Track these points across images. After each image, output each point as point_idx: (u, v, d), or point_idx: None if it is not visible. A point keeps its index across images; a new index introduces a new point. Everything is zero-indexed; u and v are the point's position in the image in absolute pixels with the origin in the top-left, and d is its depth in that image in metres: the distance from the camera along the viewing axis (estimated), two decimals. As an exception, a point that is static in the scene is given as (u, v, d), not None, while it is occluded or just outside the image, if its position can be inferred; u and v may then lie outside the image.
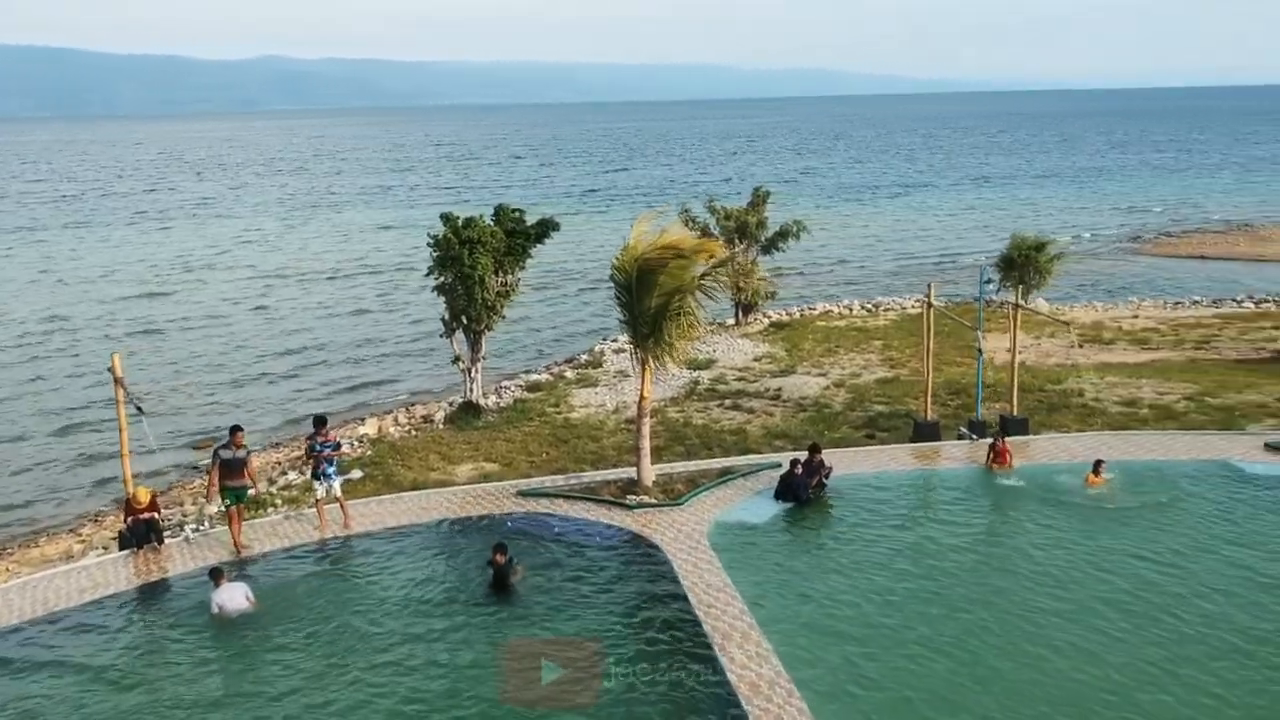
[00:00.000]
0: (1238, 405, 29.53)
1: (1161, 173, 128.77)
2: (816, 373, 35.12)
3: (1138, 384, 32.18)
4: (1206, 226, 78.63)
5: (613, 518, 21.44)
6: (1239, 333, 39.99)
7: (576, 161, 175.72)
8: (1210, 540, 19.69)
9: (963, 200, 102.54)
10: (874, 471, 23.86)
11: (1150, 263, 63.76)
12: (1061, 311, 45.28)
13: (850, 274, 63.00)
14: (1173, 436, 25.92)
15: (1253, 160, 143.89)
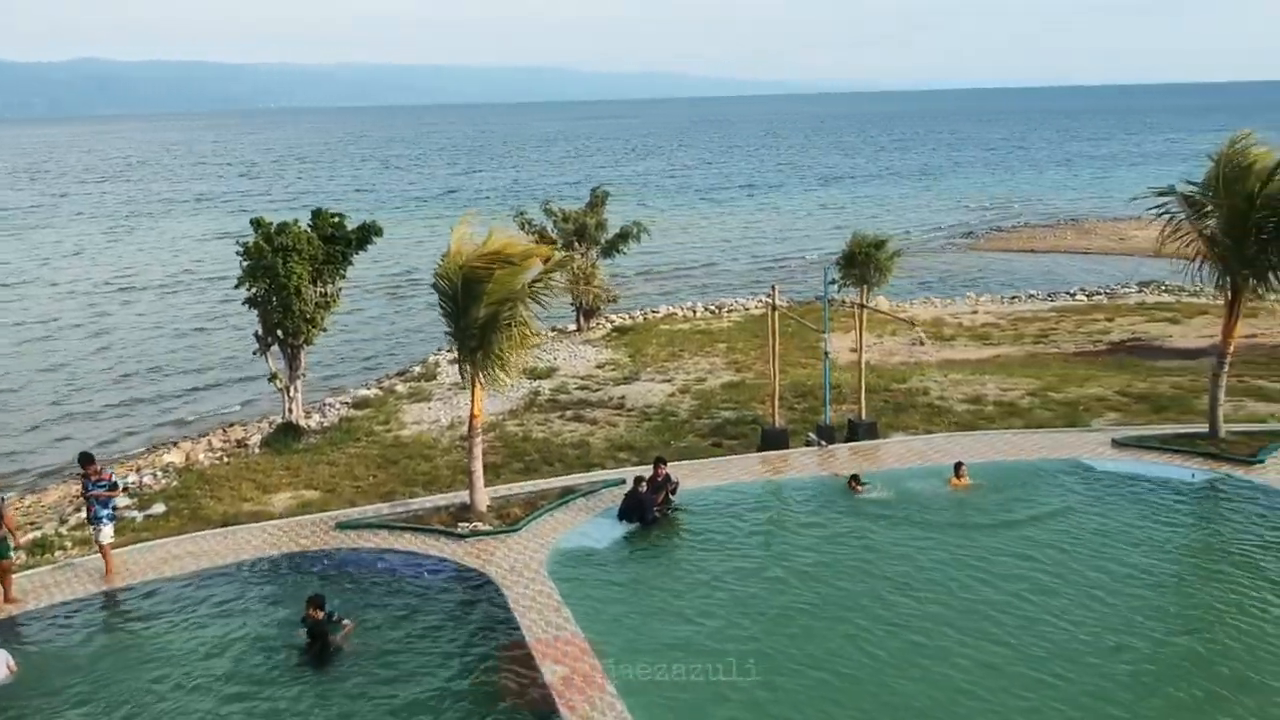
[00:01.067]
0: (1080, 399, 29.45)
1: (995, 170, 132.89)
2: (661, 379, 33.88)
3: (981, 381, 31.91)
4: (1035, 221, 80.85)
5: (443, 549, 19.61)
6: (1075, 326, 40.47)
7: (420, 165, 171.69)
8: (1076, 539, 19.16)
9: (810, 199, 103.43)
10: (723, 484, 22.61)
11: (985, 258, 64.93)
12: (902, 309, 45.30)
13: (695, 275, 62.30)
14: (1023, 435, 25.48)
15: (1079, 156, 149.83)
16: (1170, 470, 22.50)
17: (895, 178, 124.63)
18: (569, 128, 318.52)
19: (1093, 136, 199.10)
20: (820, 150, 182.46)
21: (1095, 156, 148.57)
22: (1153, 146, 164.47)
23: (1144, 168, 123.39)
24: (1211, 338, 37.14)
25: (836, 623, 16.37)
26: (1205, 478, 22.05)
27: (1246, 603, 16.72)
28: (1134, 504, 20.81)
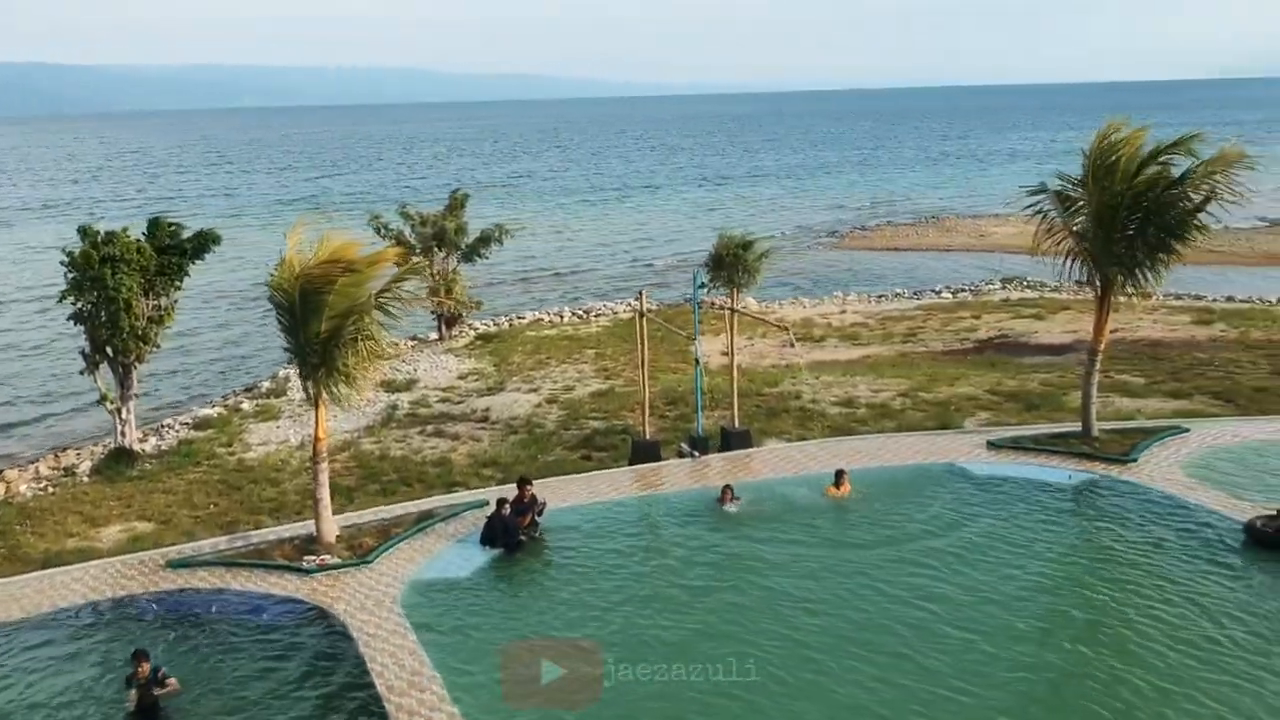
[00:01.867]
0: (952, 399, 29.13)
1: (861, 169, 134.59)
2: (527, 388, 32.47)
3: (853, 382, 31.39)
4: (898, 220, 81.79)
5: (287, 586, 17.91)
6: (943, 324, 40.44)
7: (279, 168, 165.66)
8: (961, 547, 18.58)
9: (684, 200, 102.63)
10: (593, 501, 21.36)
11: (851, 257, 65.15)
12: (771, 310, 44.79)
13: (565, 278, 60.86)
14: (897, 439, 24.88)
15: (944, 155, 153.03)
16: (1047, 472, 22.11)
17: (767, 178, 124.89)
18: (435, 129, 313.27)
19: (959, 136, 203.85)
20: (695, 151, 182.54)
21: (960, 156, 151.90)
22: (1017, 145, 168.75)
23: (1007, 166, 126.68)
24: (1075, 333, 37.50)
25: (724, 642, 15.37)
26: (1082, 479, 21.70)
27: (1140, 605, 16.35)
28: (1014, 508, 20.29)
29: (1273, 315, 39.81)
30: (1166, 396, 29.34)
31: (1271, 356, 33.50)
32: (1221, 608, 16.09)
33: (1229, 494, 20.33)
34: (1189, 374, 31.59)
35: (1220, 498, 20.14)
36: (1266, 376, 31.23)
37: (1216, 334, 36.81)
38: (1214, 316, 39.46)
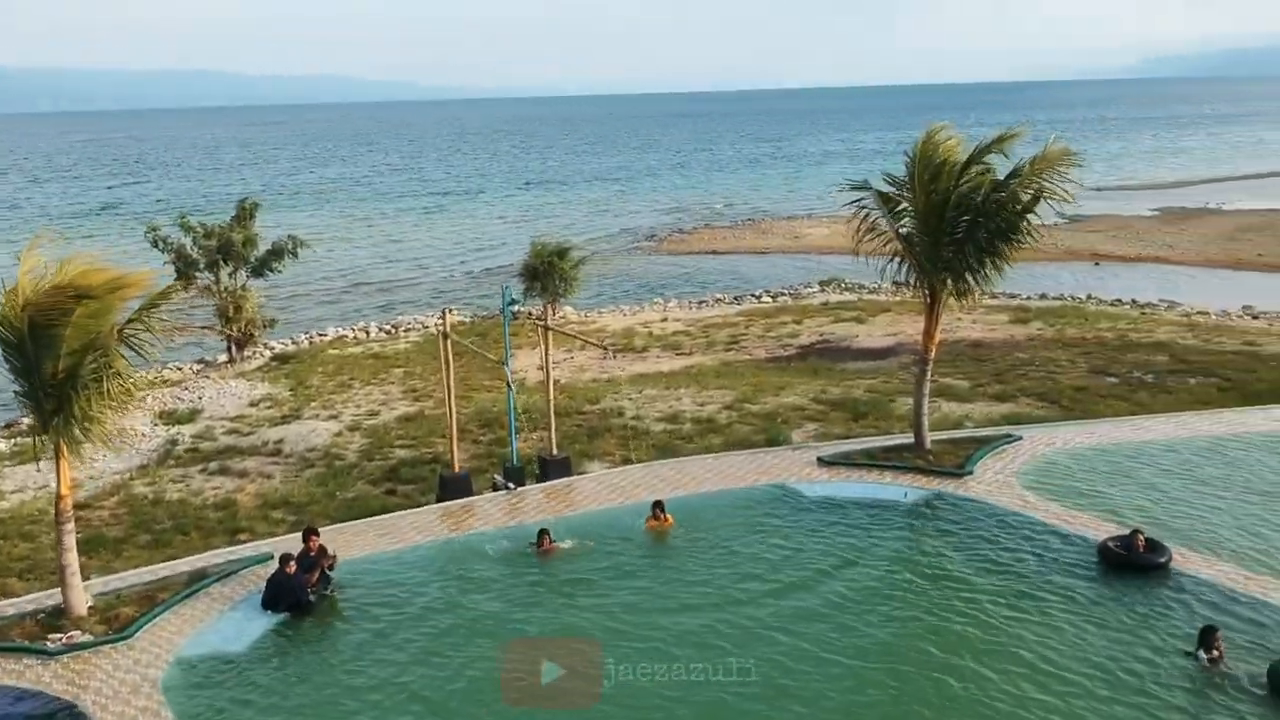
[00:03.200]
0: (778, 410, 27.95)
1: (682, 171, 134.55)
2: (327, 415, 29.74)
3: (677, 395, 29.90)
4: (716, 222, 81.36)
5: (25, 674, 15.02)
6: (765, 330, 39.47)
7: (74, 177, 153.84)
8: (797, 584, 17.08)
9: (506, 205, 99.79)
10: (394, 549, 19.03)
11: (671, 261, 64.08)
12: (591, 320, 43.06)
13: (376, 291, 57.52)
14: (724, 459, 23.36)
15: (760, 157, 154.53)
16: (881, 490, 20.95)
17: (591, 181, 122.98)
18: (239, 133, 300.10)
19: (775, 138, 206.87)
20: (516, 154, 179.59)
21: (776, 157, 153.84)
22: (829, 147, 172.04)
23: (821, 167, 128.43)
24: (896, 335, 37.04)
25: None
26: (918, 496, 20.61)
27: (995, 635, 15.26)
28: (851, 534, 18.98)
29: (1084, 313, 40.38)
30: (992, 400, 28.89)
31: (1088, 354, 33.67)
32: (1078, 648, 14.97)
33: (1068, 507, 19.54)
34: (1012, 375, 31.34)
35: (1061, 512, 19.32)
36: (1085, 375, 31.24)
37: (1034, 333, 36.94)
38: (1030, 315, 39.73)
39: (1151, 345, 34.79)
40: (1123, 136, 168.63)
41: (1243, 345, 34.65)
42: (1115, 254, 59.35)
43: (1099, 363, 32.65)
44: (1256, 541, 17.97)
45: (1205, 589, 16.37)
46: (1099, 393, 29.16)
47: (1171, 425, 24.56)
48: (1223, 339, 35.64)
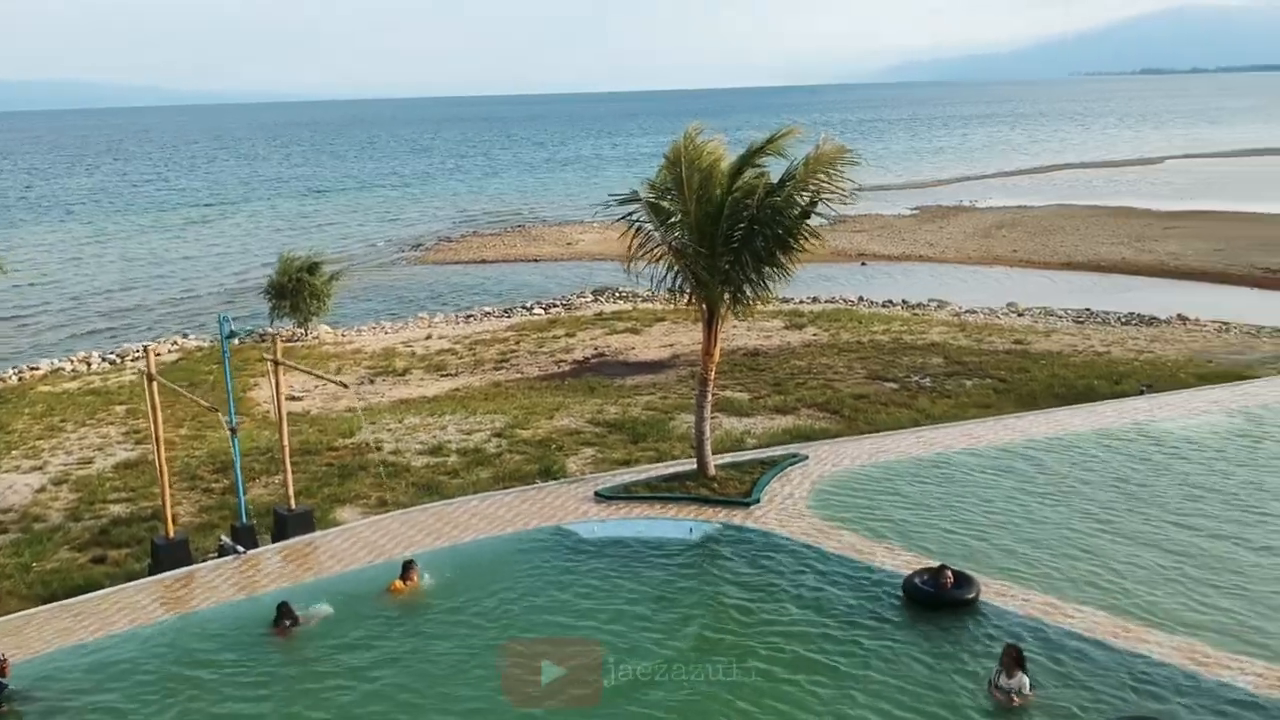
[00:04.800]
0: (552, 435, 25.77)
1: (455, 175, 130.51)
2: (30, 466, 25.57)
3: (441, 423, 27.27)
4: (485, 229, 78.50)
5: None
6: (536, 345, 37.15)
7: None
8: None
9: (271, 214, 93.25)
10: (94, 639, 15.72)
11: (437, 271, 60.92)
12: (349, 340, 39.71)
13: (101, 316, 51.69)
14: (493, 498, 20.91)
15: (531, 162, 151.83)
16: (665, 526, 18.99)
17: (358, 189, 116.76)
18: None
19: (540, 142, 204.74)
20: (278, 161, 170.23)
21: (548, 161, 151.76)
22: (602, 151, 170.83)
23: (595, 171, 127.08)
24: (673, 346, 35.51)
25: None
26: (705, 531, 18.77)
27: (793, 690, 13.59)
28: (636, 582, 16.89)
29: (857, 316, 39.96)
30: (773, 412, 27.60)
31: (864, 359, 33.00)
32: (881, 697, 13.42)
33: (864, 536, 18.11)
34: (791, 384, 30.23)
35: (857, 542, 17.85)
36: (863, 381, 30.47)
37: (810, 339, 36.11)
38: (805, 320, 38.99)
39: (926, 347, 34.48)
40: (882, 137, 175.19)
41: (1013, 344, 34.79)
42: (881, 254, 60.13)
43: (876, 367, 32.00)
44: (1062, 562, 16.94)
45: (1013, 622, 15.12)
46: (879, 400, 28.34)
47: (958, 435, 23.74)
48: (993, 338, 35.75)
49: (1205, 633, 14.67)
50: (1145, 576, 16.37)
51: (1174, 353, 33.45)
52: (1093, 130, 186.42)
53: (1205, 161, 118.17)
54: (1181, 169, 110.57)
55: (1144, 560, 16.91)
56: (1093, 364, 31.90)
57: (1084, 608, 15.45)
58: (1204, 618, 15.08)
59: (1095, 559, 17.01)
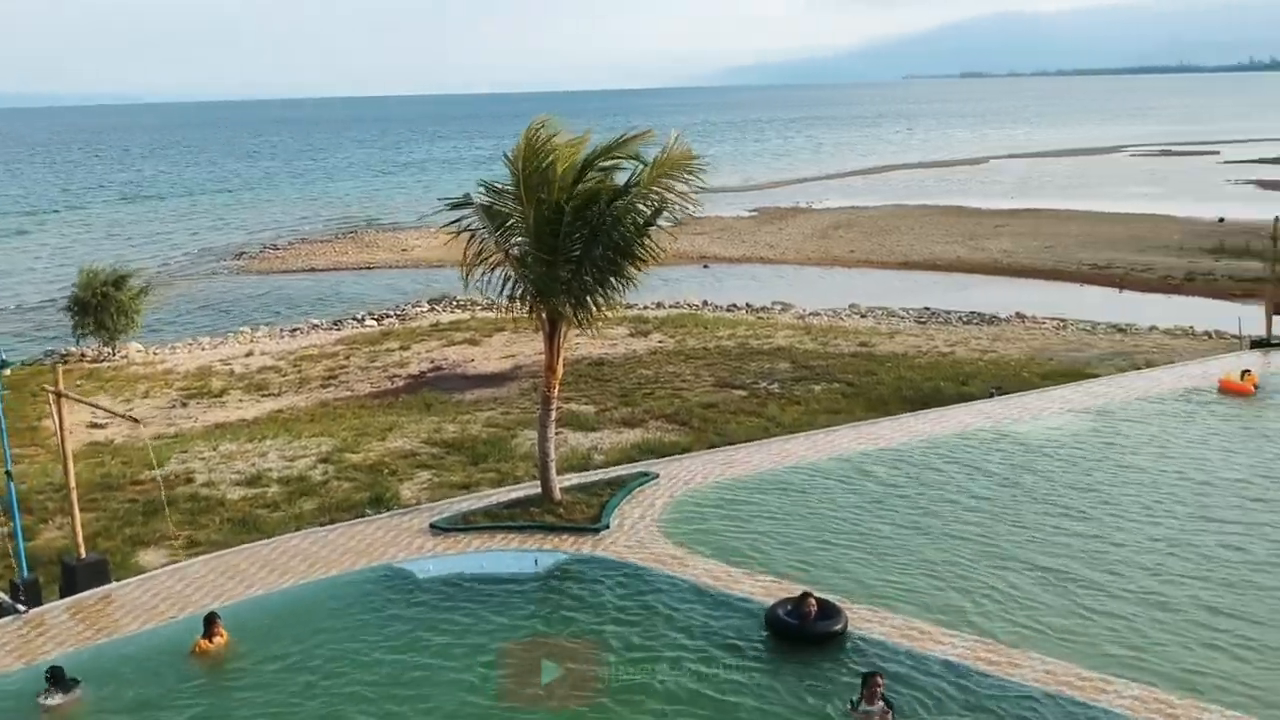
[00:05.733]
0: (385, 459, 23.93)
1: (290, 180, 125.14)
2: None
3: (261, 449, 25.08)
4: (315, 236, 75.11)
5: None
6: (368, 359, 35.02)
7: None
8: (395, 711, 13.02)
9: (85, 224, 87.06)
10: None
11: (263, 282, 57.66)
12: (160, 359, 36.76)
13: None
14: (315, 535, 18.96)
15: (366, 165, 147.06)
16: (508, 560, 17.42)
17: (185, 195, 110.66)
18: None
19: (383, 144, 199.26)
20: (95, 166, 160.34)
21: (385, 165, 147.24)
22: (445, 155, 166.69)
23: (437, 175, 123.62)
24: (514, 357, 33.97)
25: None
26: (551, 563, 17.29)
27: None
28: (476, 626, 15.28)
29: (703, 320, 39.13)
30: (620, 425, 26.36)
31: (711, 366, 32.11)
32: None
33: (722, 561, 16.93)
34: (638, 395, 29.06)
35: (714, 568, 16.66)
36: (711, 389, 29.55)
37: (656, 346, 35.06)
38: (650, 326, 37.92)
39: (772, 351, 33.81)
40: (719, 139, 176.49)
41: (858, 347, 34.43)
42: (723, 256, 59.72)
43: (724, 374, 31.13)
44: (927, 581, 16.08)
45: (881, 650, 14.15)
46: (728, 408, 27.43)
47: (811, 444, 22.88)
48: (839, 341, 35.35)
49: (1080, 654, 13.94)
50: (1016, 595, 15.63)
51: (1016, 351, 33.62)
52: (922, 131, 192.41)
53: (1026, 161, 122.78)
54: (1006, 168, 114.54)
55: (1014, 578, 16.16)
56: (938, 365, 31.74)
57: (953, 631, 14.59)
58: (1077, 638, 14.38)
59: (963, 577, 16.21)
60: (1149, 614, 14.98)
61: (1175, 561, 16.66)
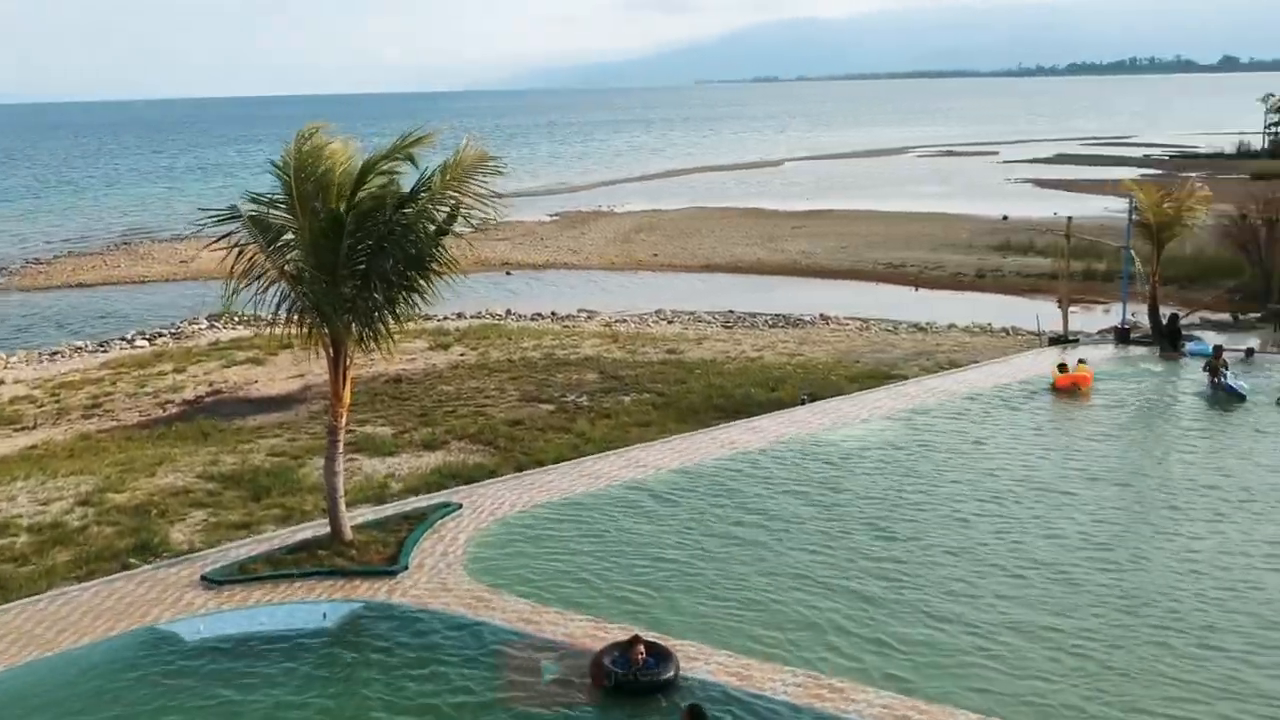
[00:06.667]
0: (154, 498, 21.46)
1: (57, 190, 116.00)
2: None
3: (10, 492, 22.22)
4: (82, 249, 69.57)
5: None
6: (137, 384, 31.91)
7: None
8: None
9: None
10: None
11: (23, 300, 52.72)
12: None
13: None
14: (67, 597, 16.47)
15: (161, 170, 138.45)
16: (293, 613, 15.48)
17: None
18: None
19: (166, 148, 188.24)
20: None
21: (174, 169, 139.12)
22: (235, 159, 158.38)
23: (227, 180, 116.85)
24: (303, 377, 31.60)
25: None
26: (342, 613, 15.45)
27: None
28: (251, 700, 13.34)
29: (506, 331, 37.54)
30: (420, 448, 24.58)
31: (516, 379, 30.62)
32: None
33: (535, 601, 15.46)
34: (439, 414, 27.32)
35: (526, 610, 15.16)
36: (517, 404, 28.09)
37: (457, 359, 33.30)
38: (451, 339, 36.10)
39: (580, 362, 32.58)
40: (518, 143, 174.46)
41: (667, 354, 33.57)
42: (526, 262, 58.22)
43: (530, 388, 29.69)
44: (756, 613, 15.03)
45: (709, 689, 13.02)
46: (535, 425, 26.01)
47: (624, 463, 21.66)
48: (646, 348, 34.42)
49: (918, 686, 13.13)
50: (849, 625, 14.70)
51: (823, 354, 33.41)
52: (720, 134, 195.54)
53: (818, 163, 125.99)
54: (800, 170, 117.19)
55: (847, 608, 15.17)
56: (748, 370, 31.16)
57: (785, 668, 13.57)
58: (914, 669, 13.56)
59: (790, 607, 15.21)
60: (975, 639, 14.35)
61: (1010, 580, 16.16)
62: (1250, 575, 16.09)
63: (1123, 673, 13.43)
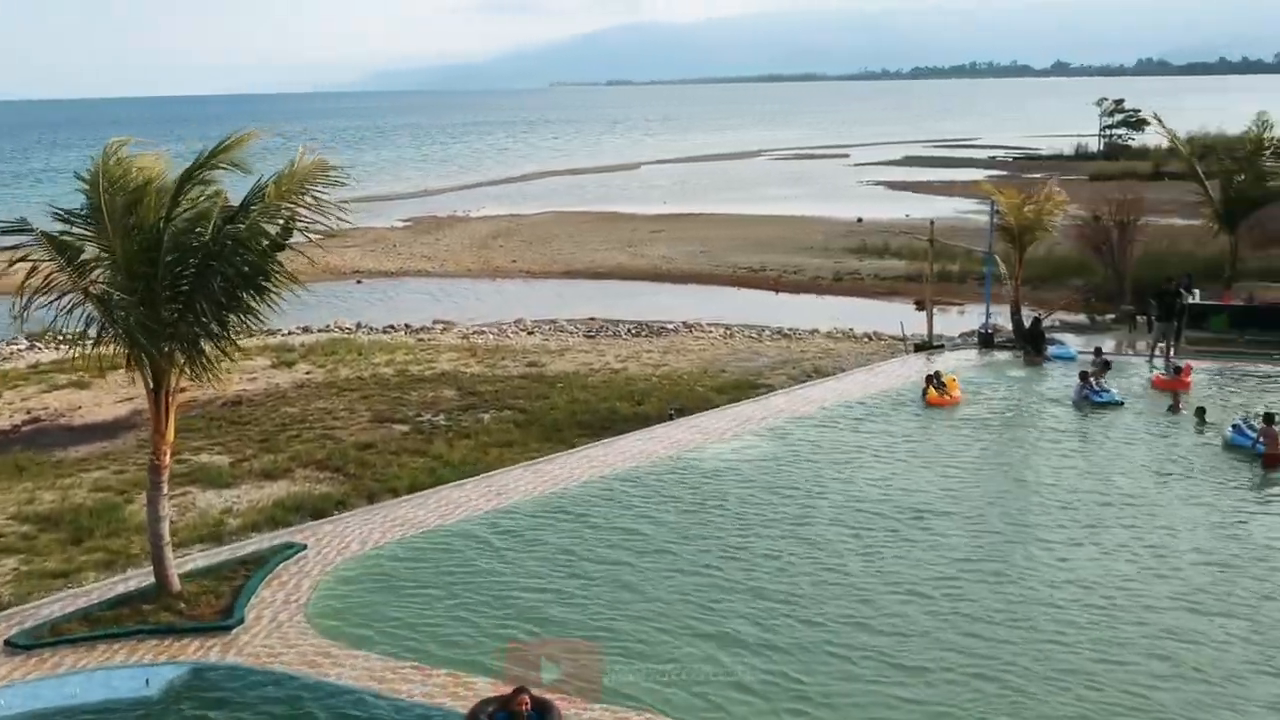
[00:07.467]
0: (-45, 547, 19.17)
1: None
2: None
3: None
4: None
5: None
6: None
7: None
8: None
9: None
10: None
11: None
12: None
13: None
14: None
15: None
16: (110, 680, 13.74)
17: None
18: None
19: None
20: None
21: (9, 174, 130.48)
22: (71, 163, 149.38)
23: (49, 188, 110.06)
24: (133, 401, 29.19)
25: None
26: (167, 678, 13.76)
27: None
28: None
29: (357, 346, 35.53)
30: (261, 478, 22.77)
31: (368, 398, 28.86)
32: None
33: (388, 654, 14.06)
34: (283, 439, 25.44)
35: (379, 665, 13.76)
36: (368, 426, 26.41)
37: (303, 378, 31.29)
38: (296, 355, 34.02)
39: (436, 378, 31.00)
40: (366, 146, 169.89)
41: (527, 367, 32.24)
42: (377, 270, 55.97)
43: (382, 407, 28.02)
44: (638, 663, 13.91)
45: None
46: (389, 448, 24.45)
47: (484, 491, 20.30)
48: (506, 362, 33.01)
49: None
50: (737, 668, 13.74)
51: (688, 364, 32.54)
52: (575, 137, 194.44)
53: (674, 166, 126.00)
54: (657, 172, 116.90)
55: (728, 647, 14.23)
56: (611, 383, 30.10)
57: None
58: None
59: (670, 654, 14.14)
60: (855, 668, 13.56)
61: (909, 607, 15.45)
62: (1130, 585, 15.78)
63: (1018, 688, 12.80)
